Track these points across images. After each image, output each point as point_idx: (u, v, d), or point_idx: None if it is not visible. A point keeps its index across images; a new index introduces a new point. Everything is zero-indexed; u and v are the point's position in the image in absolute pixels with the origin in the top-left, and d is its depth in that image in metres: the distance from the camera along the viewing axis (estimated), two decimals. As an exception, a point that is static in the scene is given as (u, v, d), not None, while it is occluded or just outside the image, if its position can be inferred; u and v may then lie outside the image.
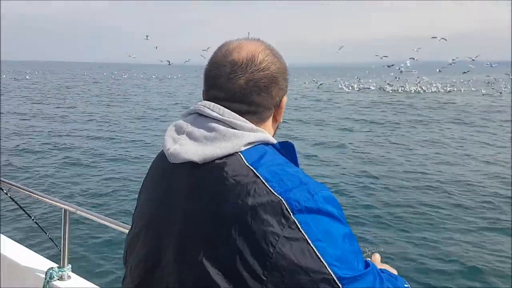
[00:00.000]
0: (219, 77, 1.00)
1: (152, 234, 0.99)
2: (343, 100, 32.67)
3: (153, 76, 78.01)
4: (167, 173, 1.01)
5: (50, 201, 2.82)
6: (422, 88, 39.98)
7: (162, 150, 1.03)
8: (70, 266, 2.65)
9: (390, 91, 38.34)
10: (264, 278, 0.83)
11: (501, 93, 37.82)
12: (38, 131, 17.21)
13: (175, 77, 77.73)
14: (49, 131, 17.21)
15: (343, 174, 11.02)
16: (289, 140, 1.02)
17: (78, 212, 2.60)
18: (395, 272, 1.19)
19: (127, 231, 1.11)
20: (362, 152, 13.74)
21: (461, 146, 14.79)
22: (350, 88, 43.71)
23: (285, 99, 1.07)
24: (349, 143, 15.14)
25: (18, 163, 11.72)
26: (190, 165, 0.95)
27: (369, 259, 1.24)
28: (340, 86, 45.15)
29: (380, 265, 1.21)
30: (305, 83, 53.18)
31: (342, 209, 0.92)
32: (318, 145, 15.17)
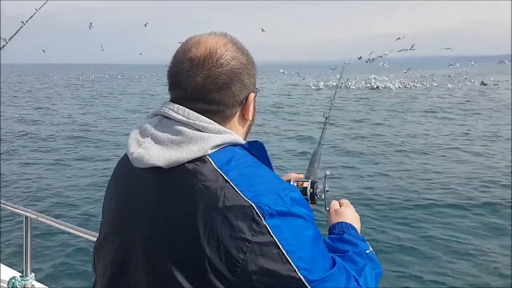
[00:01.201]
0: (178, 74, 0.97)
1: (119, 240, 0.97)
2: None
3: (119, 77, 75.83)
4: (132, 178, 0.98)
5: (11, 208, 2.73)
6: (386, 85, 41.06)
7: (126, 154, 1.00)
8: (33, 274, 2.57)
9: (354, 88, 39.20)
10: (235, 284, 0.83)
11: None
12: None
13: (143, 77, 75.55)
14: (10, 134, 16.59)
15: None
16: (259, 140, 1.00)
17: (40, 218, 2.52)
18: (357, 221, 1.23)
19: (91, 237, 1.09)
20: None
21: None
22: (315, 84, 44.35)
23: (252, 96, 1.02)
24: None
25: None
26: (156, 170, 0.91)
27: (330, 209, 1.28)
28: (308, 83, 45.85)
29: (340, 215, 1.24)
30: (276, 81, 53.65)
31: (311, 209, 0.93)
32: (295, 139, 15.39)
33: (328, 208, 1.32)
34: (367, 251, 1.10)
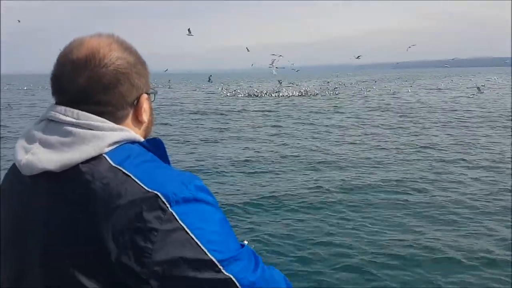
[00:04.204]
0: (60, 78, 0.94)
1: (13, 255, 0.92)
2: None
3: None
4: (23, 187, 0.92)
5: None
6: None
7: (14, 164, 0.95)
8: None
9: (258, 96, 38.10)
10: (145, 277, 0.82)
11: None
12: None
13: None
14: None
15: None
16: (157, 137, 0.99)
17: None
18: None
19: None
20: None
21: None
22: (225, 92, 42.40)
23: (144, 97, 1.00)
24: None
25: None
26: (48, 175, 0.87)
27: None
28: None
29: None
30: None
31: (214, 196, 0.94)
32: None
33: None
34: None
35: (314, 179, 9.21)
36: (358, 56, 31.43)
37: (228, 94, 39.27)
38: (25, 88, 60.40)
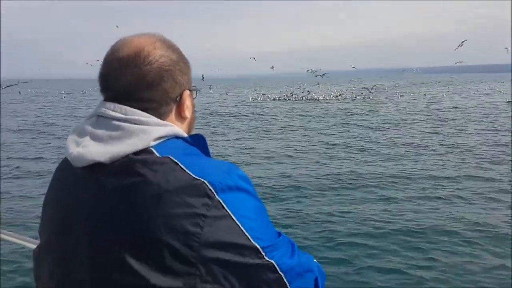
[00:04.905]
0: (107, 75, 0.98)
1: (62, 243, 0.95)
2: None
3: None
4: (73, 179, 0.96)
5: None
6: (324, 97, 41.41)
7: (65, 157, 0.99)
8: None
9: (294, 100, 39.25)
10: (194, 260, 0.85)
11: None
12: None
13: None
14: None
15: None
16: (200, 133, 1.02)
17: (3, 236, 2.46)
18: None
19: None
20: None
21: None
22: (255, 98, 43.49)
23: (186, 93, 1.03)
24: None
25: None
26: (98, 167, 0.91)
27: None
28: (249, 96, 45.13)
29: None
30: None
31: (253, 185, 0.97)
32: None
33: None
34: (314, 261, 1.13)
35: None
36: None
37: (259, 98, 39.99)
38: (63, 92, 61.37)
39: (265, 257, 0.91)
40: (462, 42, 25.29)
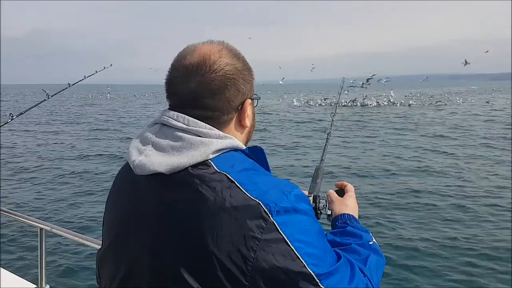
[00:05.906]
0: (173, 82, 0.99)
1: (123, 249, 0.97)
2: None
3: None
4: (134, 186, 0.98)
5: (25, 220, 2.76)
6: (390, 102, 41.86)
7: (127, 162, 1.01)
8: (48, 286, 2.59)
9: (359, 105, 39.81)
10: (246, 283, 0.83)
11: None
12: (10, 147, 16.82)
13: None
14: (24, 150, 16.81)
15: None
16: (259, 145, 1.01)
17: (54, 230, 2.55)
18: (356, 210, 1.23)
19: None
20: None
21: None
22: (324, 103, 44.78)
23: (248, 102, 1.03)
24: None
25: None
26: (159, 176, 0.92)
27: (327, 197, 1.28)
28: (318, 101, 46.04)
29: (343, 205, 1.24)
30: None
31: (312, 205, 0.95)
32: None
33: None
34: (370, 243, 1.10)
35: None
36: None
37: (311, 103, 40.61)
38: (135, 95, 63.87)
39: (319, 284, 0.86)
40: None
